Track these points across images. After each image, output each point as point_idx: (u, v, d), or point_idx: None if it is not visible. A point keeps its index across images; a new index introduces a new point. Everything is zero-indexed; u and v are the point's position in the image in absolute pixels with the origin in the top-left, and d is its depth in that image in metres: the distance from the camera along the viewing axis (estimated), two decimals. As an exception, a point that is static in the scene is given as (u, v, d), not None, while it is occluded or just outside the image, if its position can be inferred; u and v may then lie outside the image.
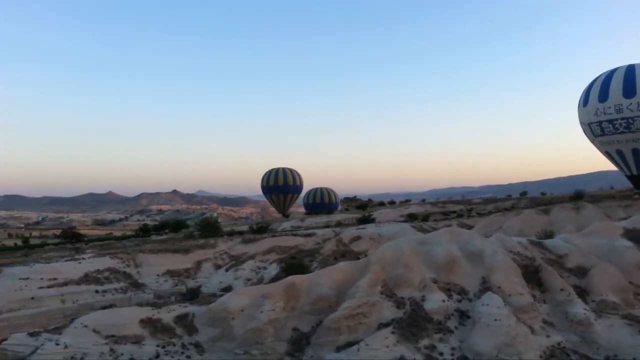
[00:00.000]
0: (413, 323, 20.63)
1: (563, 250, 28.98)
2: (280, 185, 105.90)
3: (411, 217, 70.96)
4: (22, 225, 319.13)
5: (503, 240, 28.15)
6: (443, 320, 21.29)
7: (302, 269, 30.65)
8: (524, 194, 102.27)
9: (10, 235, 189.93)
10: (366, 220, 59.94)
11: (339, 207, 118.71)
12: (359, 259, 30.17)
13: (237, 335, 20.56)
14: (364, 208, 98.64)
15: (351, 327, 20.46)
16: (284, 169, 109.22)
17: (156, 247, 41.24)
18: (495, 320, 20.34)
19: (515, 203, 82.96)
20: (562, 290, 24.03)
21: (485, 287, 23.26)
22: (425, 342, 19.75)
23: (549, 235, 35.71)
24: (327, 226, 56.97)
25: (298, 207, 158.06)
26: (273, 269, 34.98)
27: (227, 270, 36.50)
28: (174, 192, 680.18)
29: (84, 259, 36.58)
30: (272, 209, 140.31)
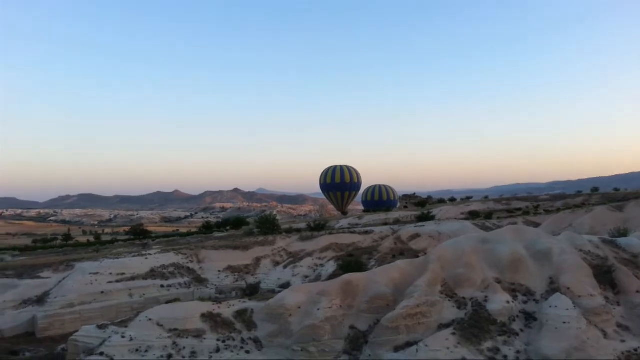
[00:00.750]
0: (475, 324, 19.85)
1: (639, 249, 26.99)
2: (339, 182, 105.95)
3: (473, 215, 68.83)
4: (96, 223, 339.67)
5: (573, 239, 26.59)
6: (507, 322, 20.35)
7: (359, 267, 30.42)
8: (595, 190, 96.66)
9: (84, 232, 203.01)
10: (425, 217, 58.71)
11: (398, 205, 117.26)
12: (417, 257, 29.53)
13: (294, 331, 20.63)
14: (423, 205, 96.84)
15: (410, 327, 19.97)
16: (342, 166, 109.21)
17: (217, 243, 42.31)
18: (564, 322, 19.21)
19: (586, 199, 78.58)
20: (638, 292, 22.36)
21: (553, 287, 22.03)
22: (488, 344, 18.95)
23: (623, 233, 33.39)
24: (385, 224, 56.26)
25: (357, 205, 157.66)
26: (330, 267, 34.93)
27: (285, 267, 36.87)
28: (236, 190, 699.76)
29: (150, 254, 38.12)
30: (331, 206, 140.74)
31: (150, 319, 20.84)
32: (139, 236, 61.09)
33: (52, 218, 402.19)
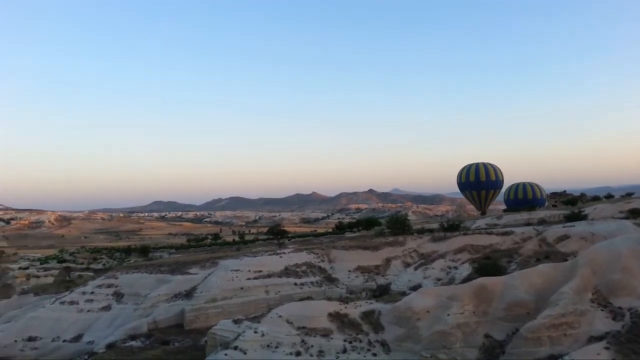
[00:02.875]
0: (635, 339, 17.07)
1: None
2: (476, 180, 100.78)
3: (634, 213, 60.40)
4: (243, 223, 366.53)
5: None
6: (677, 338, 17.21)
7: (498, 270, 28.27)
8: None
9: (233, 232, 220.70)
10: (576, 217, 52.83)
11: (546, 204, 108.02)
12: (566, 261, 26.53)
13: (423, 336, 19.70)
14: (573, 203, 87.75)
15: (553, 339, 17.86)
16: (480, 164, 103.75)
17: (348, 243, 42.60)
18: None
19: None
20: None
21: None
22: (651, 362, 16.17)
23: None
24: (528, 224, 51.77)
25: (498, 204, 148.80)
26: (465, 270, 33.05)
27: (416, 268, 35.74)
28: (370, 191, 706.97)
29: (284, 253, 39.67)
30: (470, 206, 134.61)
31: (280, 316, 21.46)
32: (276, 236, 64.29)
33: (206, 219, 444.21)
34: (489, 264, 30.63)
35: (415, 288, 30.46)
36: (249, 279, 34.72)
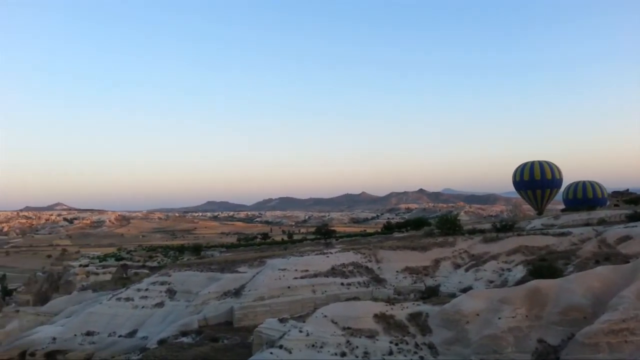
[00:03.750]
0: None
1: None
2: (531, 179, 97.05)
3: None
4: (293, 223, 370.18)
5: None
6: None
7: (553, 273, 27.02)
8: None
9: (283, 232, 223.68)
10: (639, 217, 49.93)
11: (608, 203, 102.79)
12: (628, 263, 25.04)
13: (472, 340, 19.10)
14: (636, 203, 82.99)
15: (613, 345, 16.85)
16: (536, 162, 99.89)
17: (395, 244, 42.03)
18: None
19: None
20: None
21: None
22: None
23: None
24: (587, 224, 49.33)
25: (556, 204, 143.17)
26: (519, 272, 31.83)
27: (466, 270, 34.76)
28: (421, 190, 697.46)
29: (331, 253, 39.62)
30: (526, 206, 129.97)
31: (325, 316, 21.38)
32: (324, 235, 64.42)
33: (257, 219, 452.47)
34: (544, 266, 29.36)
35: (466, 290, 29.60)
36: (295, 278, 34.91)
